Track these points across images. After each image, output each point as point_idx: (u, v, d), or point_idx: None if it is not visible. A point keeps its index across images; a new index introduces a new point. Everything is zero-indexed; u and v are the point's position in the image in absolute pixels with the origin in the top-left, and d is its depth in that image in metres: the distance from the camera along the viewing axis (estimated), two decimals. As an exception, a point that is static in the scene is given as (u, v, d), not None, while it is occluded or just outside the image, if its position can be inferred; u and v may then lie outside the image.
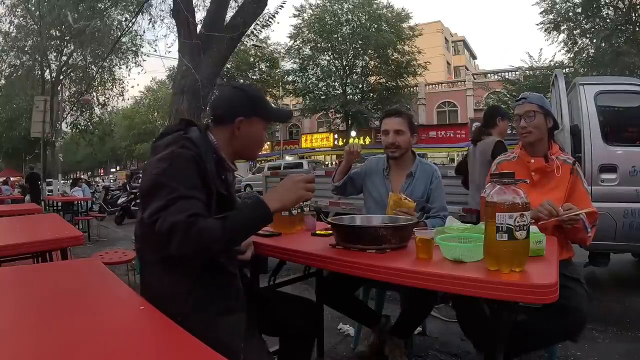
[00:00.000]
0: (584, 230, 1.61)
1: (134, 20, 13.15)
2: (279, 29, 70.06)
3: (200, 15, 6.19)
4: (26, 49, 15.53)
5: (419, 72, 21.36)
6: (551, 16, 14.59)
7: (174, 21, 5.08)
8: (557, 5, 14.44)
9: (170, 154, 1.13)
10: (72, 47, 15.42)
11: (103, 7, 13.41)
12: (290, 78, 23.02)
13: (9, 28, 15.06)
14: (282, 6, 6.64)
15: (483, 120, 3.15)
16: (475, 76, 25.44)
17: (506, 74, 20.60)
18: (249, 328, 1.21)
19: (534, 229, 1.25)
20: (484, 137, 2.97)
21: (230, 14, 5.15)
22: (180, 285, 1.14)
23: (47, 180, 13.15)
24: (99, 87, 17.33)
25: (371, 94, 21.73)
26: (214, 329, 1.11)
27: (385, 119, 2.12)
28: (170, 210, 1.04)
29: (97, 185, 19.37)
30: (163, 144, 1.19)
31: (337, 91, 21.67)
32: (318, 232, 1.75)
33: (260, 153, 1.46)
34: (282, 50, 23.02)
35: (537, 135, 1.80)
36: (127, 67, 16.32)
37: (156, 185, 1.09)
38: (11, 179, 18.86)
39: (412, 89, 22.70)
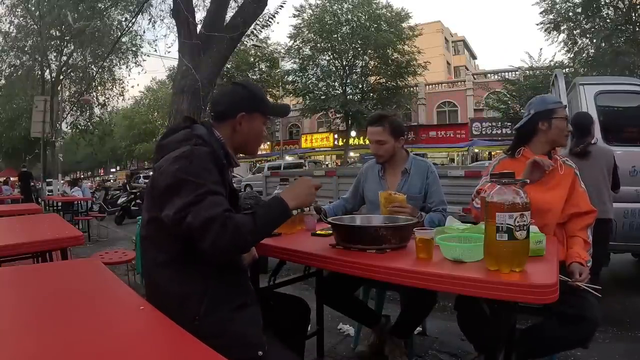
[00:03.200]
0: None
1: (134, 20, 13.14)
2: (279, 29, 70.01)
3: (200, 15, 6.20)
4: (26, 49, 15.52)
5: (419, 72, 21.34)
6: (551, 16, 14.57)
7: (174, 21, 5.08)
8: (557, 5, 14.41)
9: (189, 152, 1.13)
10: (72, 47, 15.42)
11: (103, 7, 13.39)
12: (290, 78, 22.99)
13: (9, 28, 15.08)
14: (282, 6, 6.62)
15: (577, 131, 2.90)
16: (475, 76, 25.41)
17: (506, 74, 20.55)
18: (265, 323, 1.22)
19: (534, 228, 1.25)
20: (590, 149, 2.86)
21: (230, 14, 5.15)
22: (195, 285, 1.13)
23: (47, 180, 13.15)
24: (99, 87, 17.34)
25: (371, 94, 21.70)
26: (231, 324, 1.12)
27: (368, 127, 2.10)
28: (203, 204, 1.05)
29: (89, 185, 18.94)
30: (173, 142, 1.19)
31: (337, 91, 21.65)
32: (318, 232, 1.75)
33: (260, 153, 1.48)
34: (282, 50, 23.02)
35: None
36: (127, 67, 16.35)
37: (179, 182, 1.08)
38: (11, 179, 18.83)
39: (412, 89, 22.68)
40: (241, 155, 1.41)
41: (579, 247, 1.66)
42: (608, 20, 13.41)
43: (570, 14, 14.21)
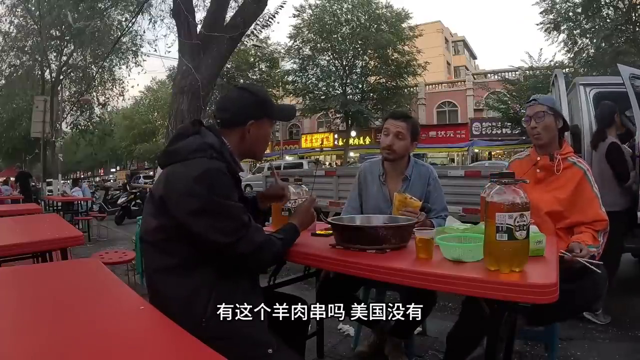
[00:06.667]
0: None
1: (134, 20, 13.11)
2: (279, 29, 69.88)
3: (200, 15, 6.20)
4: (26, 49, 15.50)
5: (418, 72, 21.34)
6: (551, 16, 14.56)
7: (174, 21, 5.09)
8: (557, 5, 14.40)
9: (208, 172, 1.13)
10: (72, 47, 15.36)
11: (103, 7, 13.38)
12: (290, 78, 22.97)
13: (9, 28, 15.05)
14: (282, 6, 6.63)
15: (598, 122, 2.98)
16: (475, 76, 25.39)
17: (506, 74, 20.49)
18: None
19: (534, 228, 1.25)
20: (598, 142, 2.93)
21: (230, 14, 5.16)
22: (201, 287, 1.14)
23: (47, 180, 13.14)
24: (99, 87, 17.30)
25: (371, 94, 21.70)
26: (238, 324, 1.12)
27: (389, 119, 2.05)
28: (250, 233, 1.18)
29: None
30: (185, 150, 1.18)
31: (337, 91, 21.63)
32: (318, 232, 1.74)
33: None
34: (282, 50, 23.01)
35: (548, 137, 1.81)
36: (127, 67, 16.27)
37: (210, 205, 1.12)
38: (11, 179, 18.83)
39: (412, 89, 22.67)
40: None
41: (584, 236, 1.65)
42: (608, 20, 13.39)
43: (570, 14, 14.19)
